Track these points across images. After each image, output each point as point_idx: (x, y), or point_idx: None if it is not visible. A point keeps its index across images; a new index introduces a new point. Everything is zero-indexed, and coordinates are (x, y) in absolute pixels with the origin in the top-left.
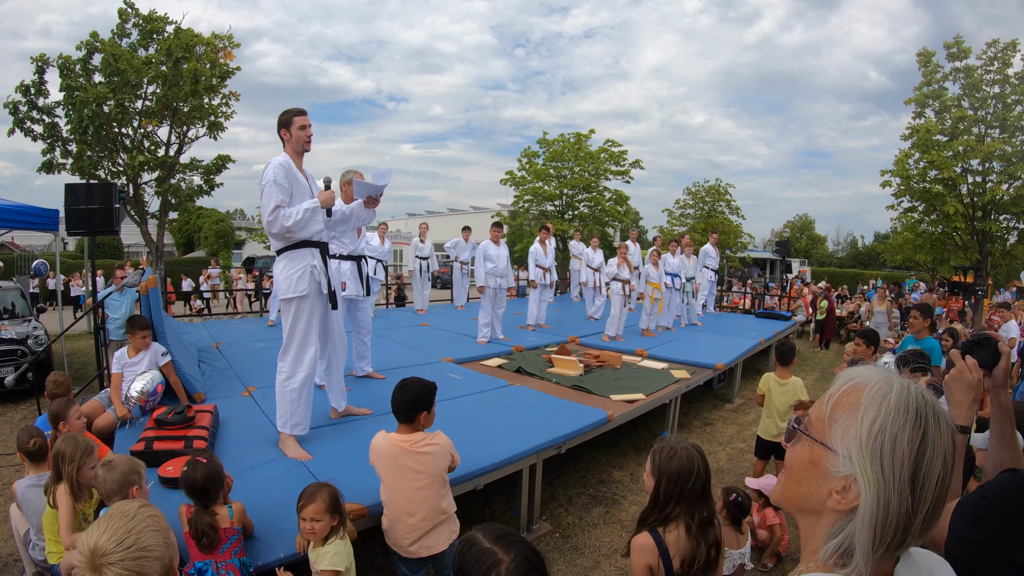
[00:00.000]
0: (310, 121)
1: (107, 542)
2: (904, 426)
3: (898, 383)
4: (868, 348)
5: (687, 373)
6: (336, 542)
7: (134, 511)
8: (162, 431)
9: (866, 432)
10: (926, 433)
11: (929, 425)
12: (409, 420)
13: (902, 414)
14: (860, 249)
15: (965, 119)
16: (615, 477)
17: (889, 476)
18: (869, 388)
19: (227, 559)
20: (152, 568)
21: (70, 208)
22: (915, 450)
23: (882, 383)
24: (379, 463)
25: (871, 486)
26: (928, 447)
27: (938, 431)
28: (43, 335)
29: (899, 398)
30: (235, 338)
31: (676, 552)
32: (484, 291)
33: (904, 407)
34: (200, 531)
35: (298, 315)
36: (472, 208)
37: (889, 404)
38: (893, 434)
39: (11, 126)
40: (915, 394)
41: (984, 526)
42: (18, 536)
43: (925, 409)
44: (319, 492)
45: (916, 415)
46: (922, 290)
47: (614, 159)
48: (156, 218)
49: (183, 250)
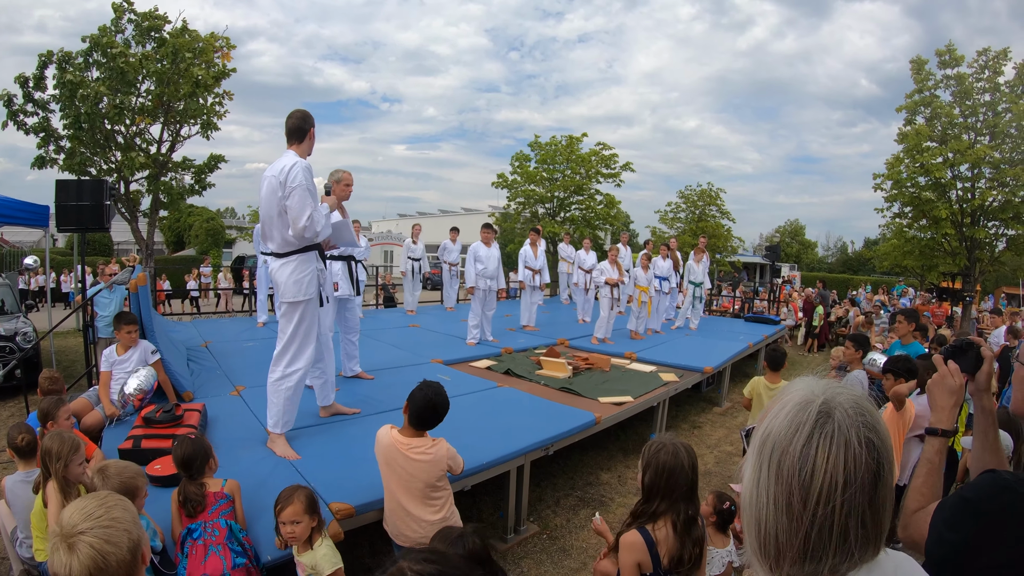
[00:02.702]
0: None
1: (79, 517)
2: (791, 439)
3: (807, 396)
4: (856, 352)
5: (675, 376)
6: (323, 542)
7: (104, 494)
8: (150, 429)
9: (757, 439)
10: (810, 448)
11: (820, 438)
12: (418, 427)
13: (791, 425)
14: (850, 255)
15: (955, 125)
16: (603, 479)
17: (767, 487)
18: (784, 399)
19: (215, 518)
20: (121, 539)
21: (60, 204)
22: (802, 467)
23: (795, 395)
24: (379, 455)
25: (747, 493)
26: (809, 464)
27: (829, 446)
28: (31, 332)
29: (795, 409)
30: (224, 337)
31: (664, 549)
32: (475, 293)
33: (796, 419)
34: (185, 497)
35: (303, 318)
36: (463, 210)
37: (783, 414)
38: (778, 446)
39: (4, 119)
40: (818, 409)
41: (964, 527)
42: (5, 534)
43: (824, 425)
44: (295, 494)
45: (803, 428)
46: (911, 295)
47: (605, 162)
48: (147, 216)
49: (173, 248)
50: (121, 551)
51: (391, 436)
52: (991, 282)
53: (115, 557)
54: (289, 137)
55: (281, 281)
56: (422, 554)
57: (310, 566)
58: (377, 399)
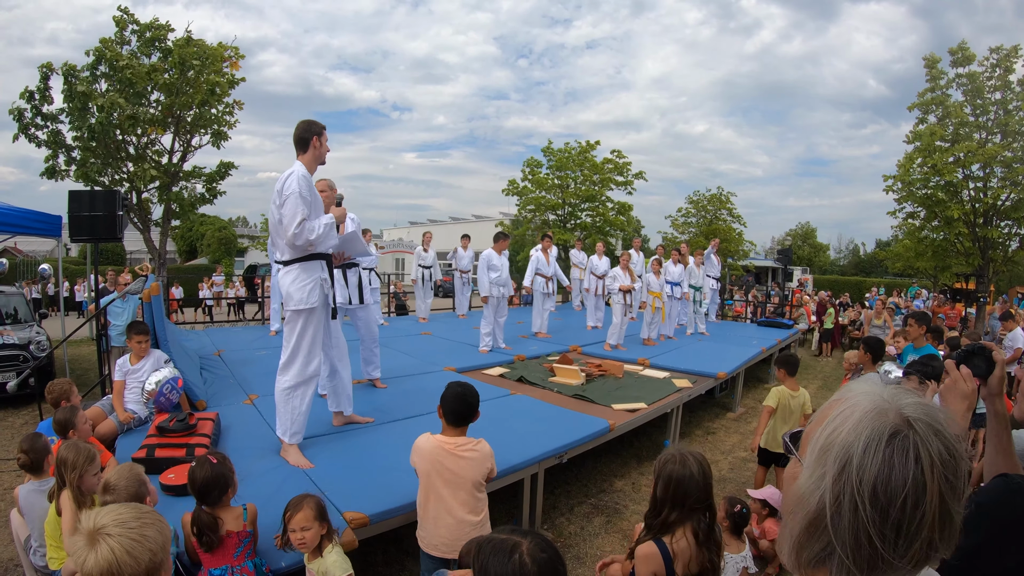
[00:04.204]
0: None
1: (111, 519)
2: (864, 449)
3: (877, 402)
4: (866, 355)
5: (689, 382)
6: (334, 549)
7: (147, 508)
8: (164, 438)
9: (820, 443)
10: (895, 461)
11: (904, 452)
12: (459, 424)
13: (864, 434)
14: (862, 257)
15: (967, 125)
16: (616, 486)
17: (827, 493)
18: (846, 403)
19: (241, 562)
20: (142, 556)
21: (74, 215)
22: (877, 478)
23: (861, 400)
24: (420, 463)
25: (802, 491)
26: (896, 477)
27: (927, 463)
28: (45, 341)
29: (866, 417)
30: (237, 346)
31: (681, 562)
32: (488, 300)
33: (869, 428)
34: (199, 529)
35: (306, 327)
36: (474, 217)
37: (852, 421)
38: (846, 453)
39: (16, 132)
40: (893, 417)
41: (977, 531)
42: (19, 541)
43: (904, 434)
44: (304, 501)
45: (882, 439)
46: (924, 297)
47: (619, 170)
48: (159, 225)
49: (185, 257)
50: (139, 567)
51: (434, 440)
52: (1004, 282)
53: (130, 570)
54: (296, 148)
55: (284, 288)
56: (537, 542)
57: (320, 573)
58: (390, 407)
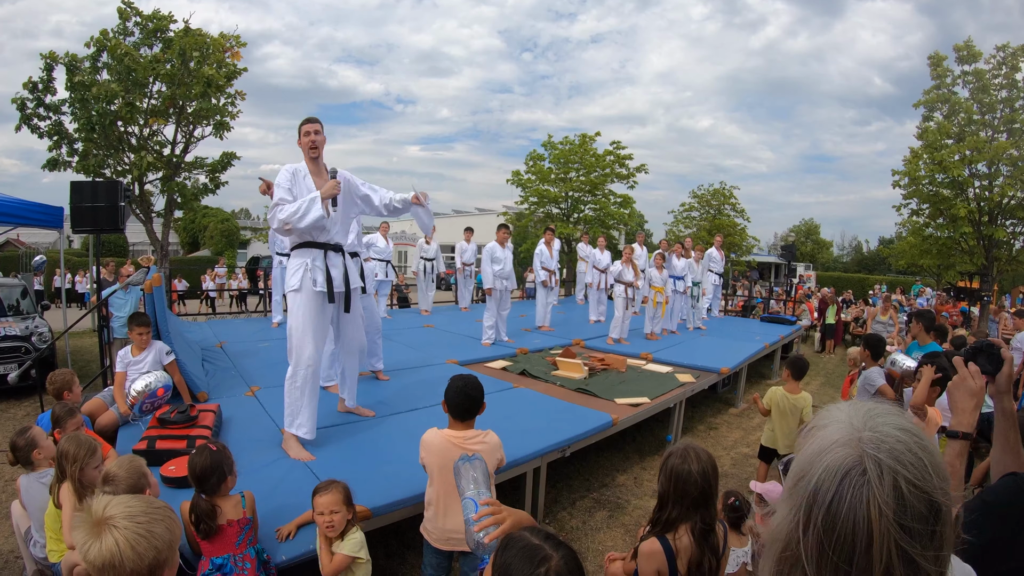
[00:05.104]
0: (316, 127)
1: (120, 510)
2: (821, 482)
3: (847, 432)
4: (865, 352)
5: (692, 377)
6: (356, 533)
7: (159, 503)
8: (165, 430)
9: (791, 479)
10: (845, 494)
11: (857, 485)
12: (465, 418)
13: (827, 468)
14: (865, 254)
15: (973, 123)
16: (619, 481)
17: (795, 527)
18: (821, 434)
19: (243, 550)
20: (146, 551)
21: (76, 206)
22: (835, 514)
23: (833, 430)
24: (429, 458)
25: (775, 525)
26: (844, 510)
27: (876, 494)
28: (47, 332)
29: (833, 447)
30: (239, 337)
31: (682, 558)
32: (491, 293)
33: (833, 461)
34: (197, 517)
35: (293, 310)
36: (477, 210)
37: (818, 455)
38: (811, 490)
39: (18, 122)
40: (856, 447)
41: (986, 530)
42: (19, 533)
43: (863, 466)
44: (333, 485)
45: (839, 472)
46: (928, 295)
47: (620, 161)
48: (161, 217)
49: (188, 249)
50: (141, 563)
51: (441, 435)
52: (1008, 281)
53: (132, 564)
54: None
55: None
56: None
57: (334, 548)
58: (392, 400)
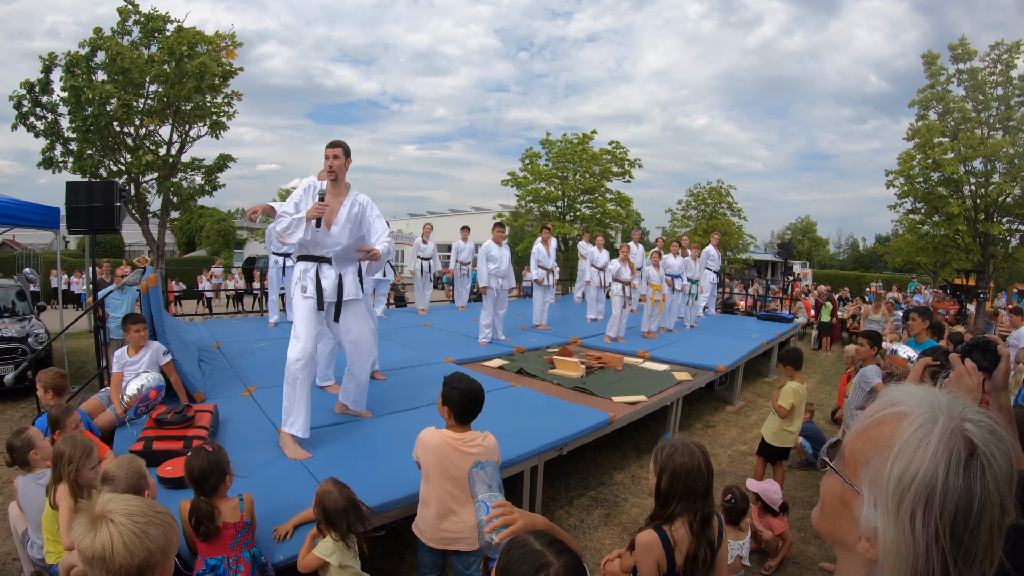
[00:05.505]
0: (335, 152)
1: (119, 507)
2: (946, 476)
3: (944, 419)
4: (872, 348)
5: (689, 375)
6: (327, 540)
7: (162, 508)
8: (162, 431)
9: (895, 481)
10: (972, 484)
11: (980, 472)
12: (467, 421)
13: (943, 461)
14: (861, 251)
15: (968, 120)
16: (616, 479)
17: (920, 535)
18: (909, 422)
19: (238, 552)
20: (139, 551)
21: (71, 206)
22: (958, 506)
23: (925, 418)
24: (425, 457)
25: (891, 544)
26: (975, 500)
27: (992, 477)
28: (43, 333)
29: (941, 440)
30: (236, 338)
31: (680, 551)
32: (487, 292)
33: (947, 452)
34: (197, 519)
35: (294, 311)
36: (474, 209)
37: (928, 448)
38: (929, 486)
39: (14, 120)
40: (963, 434)
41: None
42: (16, 535)
43: (977, 451)
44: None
45: (961, 461)
46: (924, 293)
47: (616, 160)
48: (157, 217)
49: (184, 249)
50: (130, 560)
51: (440, 436)
52: (1004, 278)
53: (121, 560)
54: None
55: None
56: (568, 568)
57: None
58: (389, 399)
